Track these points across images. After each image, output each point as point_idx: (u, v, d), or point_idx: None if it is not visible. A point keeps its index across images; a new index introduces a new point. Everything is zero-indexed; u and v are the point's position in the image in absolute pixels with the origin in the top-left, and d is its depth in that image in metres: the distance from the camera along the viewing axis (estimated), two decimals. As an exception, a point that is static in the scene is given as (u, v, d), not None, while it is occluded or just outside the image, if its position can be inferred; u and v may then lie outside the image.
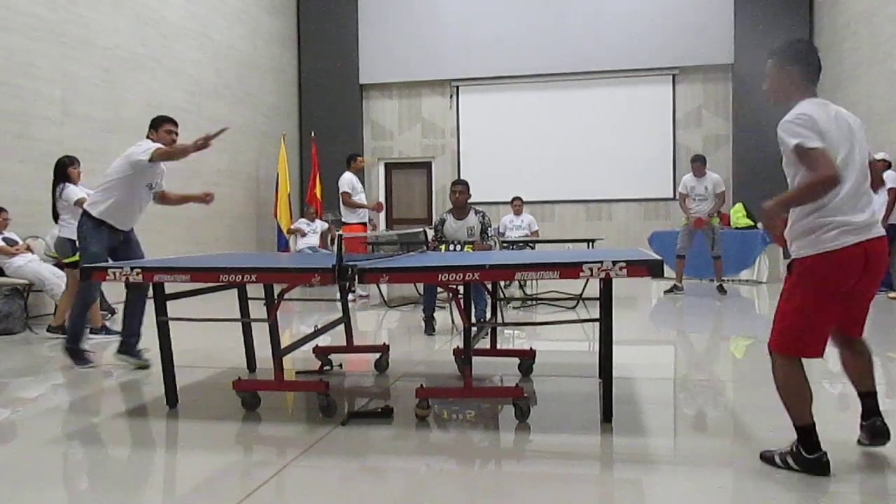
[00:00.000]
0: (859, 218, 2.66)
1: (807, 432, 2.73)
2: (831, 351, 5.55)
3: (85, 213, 4.81)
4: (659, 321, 7.41)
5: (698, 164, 9.08)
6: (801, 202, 2.68)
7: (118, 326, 5.26)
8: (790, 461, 2.76)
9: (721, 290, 9.07)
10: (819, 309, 2.72)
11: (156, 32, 9.81)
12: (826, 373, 4.77)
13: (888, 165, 8.77)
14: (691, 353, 5.57)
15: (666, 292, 9.09)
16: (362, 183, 9.47)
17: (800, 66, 2.98)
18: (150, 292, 4.04)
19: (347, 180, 8.97)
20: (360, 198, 9.05)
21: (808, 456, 2.71)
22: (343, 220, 9.14)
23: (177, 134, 5.03)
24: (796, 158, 2.68)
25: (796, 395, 2.79)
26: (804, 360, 2.82)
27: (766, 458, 2.86)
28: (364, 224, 9.06)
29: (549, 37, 13.12)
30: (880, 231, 2.72)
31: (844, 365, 3.04)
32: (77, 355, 4.91)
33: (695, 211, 9.04)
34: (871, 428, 2.90)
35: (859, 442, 3.00)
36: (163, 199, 5.19)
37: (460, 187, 6.48)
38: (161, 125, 4.99)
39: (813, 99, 2.88)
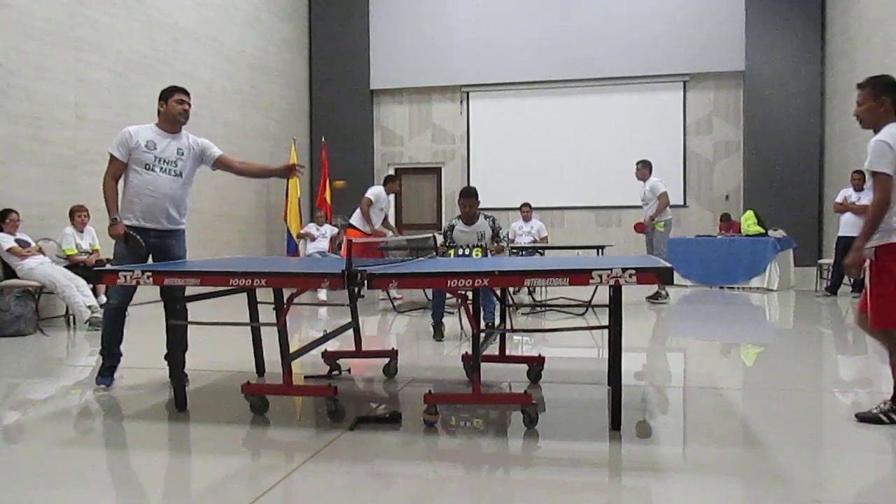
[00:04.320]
0: None
1: None
2: (844, 360, 5.51)
3: None
4: (668, 328, 7.38)
5: (639, 167, 9.08)
6: (876, 227, 3.31)
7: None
8: (894, 416, 3.40)
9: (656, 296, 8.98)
10: None
11: (168, 37, 9.88)
12: (837, 382, 4.74)
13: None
14: (701, 361, 5.54)
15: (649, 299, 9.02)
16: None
17: (890, 95, 3.40)
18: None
19: (376, 191, 9.03)
20: (379, 214, 9.04)
21: None
22: (351, 222, 9.12)
23: (189, 105, 4.61)
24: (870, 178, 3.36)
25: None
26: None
27: (867, 418, 3.43)
28: (367, 233, 9.04)
29: (559, 43, 13.13)
30: None
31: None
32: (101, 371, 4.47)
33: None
34: None
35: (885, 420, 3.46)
36: (229, 167, 4.75)
37: (470, 200, 6.34)
38: (172, 94, 4.54)
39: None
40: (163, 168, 4.45)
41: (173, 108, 4.51)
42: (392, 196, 9.41)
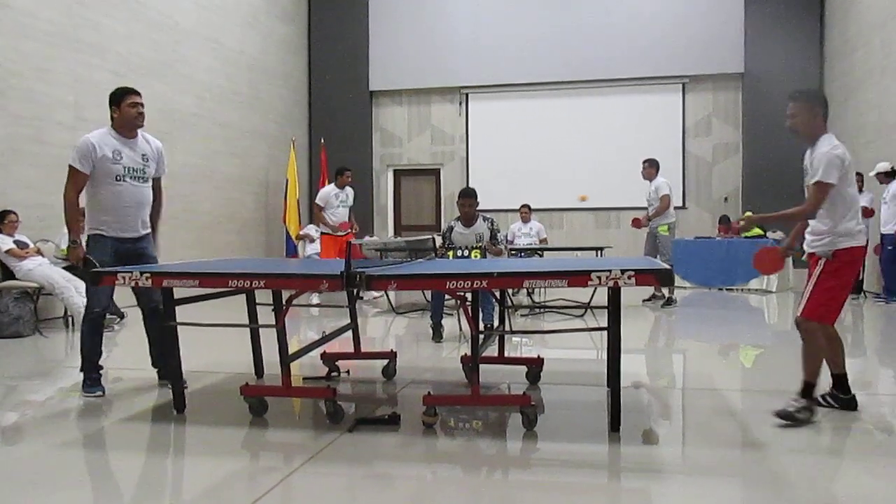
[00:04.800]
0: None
1: (844, 378, 3.59)
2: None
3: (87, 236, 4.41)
4: (667, 330, 7.38)
5: (645, 166, 8.90)
6: (785, 222, 3.57)
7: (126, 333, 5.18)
8: (830, 400, 3.62)
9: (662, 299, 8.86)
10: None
11: (168, 38, 9.88)
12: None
13: (899, 175, 8.76)
14: (700, 362, 5.54)
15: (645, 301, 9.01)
16: (369, 193, 9.41)
17: (824, 107, 3.59)
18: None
19: (323, 194, 9.17)
20: (337, 212, 9.12)
21: (843, 396, 3.58)
22: (322, 230, 9.31)
23: (142, 105, 4.40)
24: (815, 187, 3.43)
25: (838, 350, 3.60)
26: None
27: (785, 415, 3.46)
28: (333, 236, 9.14)
29: (559, 45, 13.13)
30: None
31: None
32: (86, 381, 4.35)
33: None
34: (852, 401, 3.74)
35: (824, 404, 3.73)
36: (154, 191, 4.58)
37: (468, 200, 6.35)
38: (123, 98, 4.35)
39: (831, 134, 3.56)
40: (133, 177, 4.35)
41: (128, 112, 4.34)
42: (349, 189, 9.31)
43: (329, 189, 9.18)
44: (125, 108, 4.34)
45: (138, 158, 4.39)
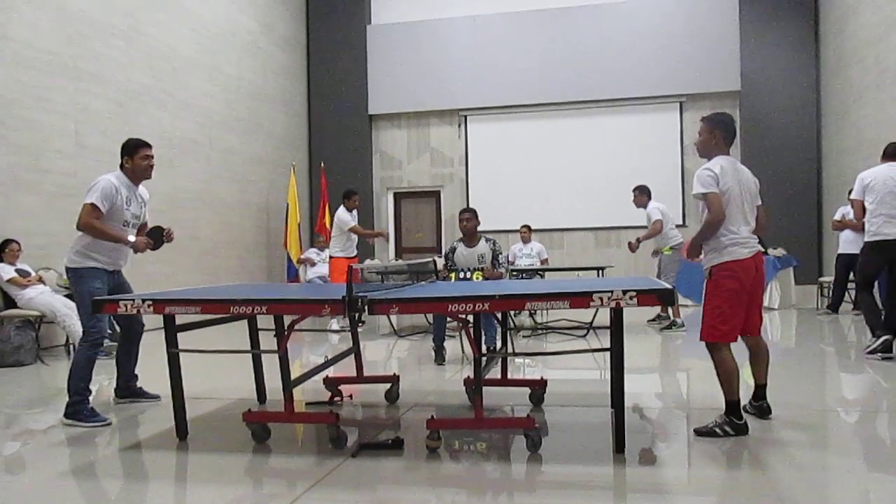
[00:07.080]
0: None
1: (737, 405, 3.61)
2: (847, 378, 5.47)
3: (70, 270, 4.44)
4: (671, 349, 7.35)
5: (635, 194, 8.83)
6: (706, 239, 3.68)
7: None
8: (727, 428, 3.57)
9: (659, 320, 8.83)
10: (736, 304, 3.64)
11: (168, 66, 9.95)
12: (840, 400, 4.72)
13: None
14: (704, 382, 5.51)
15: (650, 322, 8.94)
16: (369, 216, 9.63)
17: (724, 132, 3.79)
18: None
19: (346, 218, 9.09)
20: (352, 235, 9.18)
21: (737, 422, 3.58)
22: (331, 253, 9.24)
23: (153, 158, 4.54)
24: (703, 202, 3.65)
25: (735, 375, 3.64)
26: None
27: (704, 431, 3.59)
28: (352, 258, 9.17)
29: (556, 66, 13.23)
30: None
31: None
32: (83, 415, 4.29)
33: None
34: (760, 408, 3.95)
35: (746, 411, 3.89)
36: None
37: (468, 214, 6.53)
38: (137, 150, 4.47)
39: (724, 157, 3.74)
40: (133, 224, 4.55)
41: (140, 165, 4.48)
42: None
43: (346, 214, 9.16)
44: (138, 161, 4.50)
45: (140, 205, 4.60)
